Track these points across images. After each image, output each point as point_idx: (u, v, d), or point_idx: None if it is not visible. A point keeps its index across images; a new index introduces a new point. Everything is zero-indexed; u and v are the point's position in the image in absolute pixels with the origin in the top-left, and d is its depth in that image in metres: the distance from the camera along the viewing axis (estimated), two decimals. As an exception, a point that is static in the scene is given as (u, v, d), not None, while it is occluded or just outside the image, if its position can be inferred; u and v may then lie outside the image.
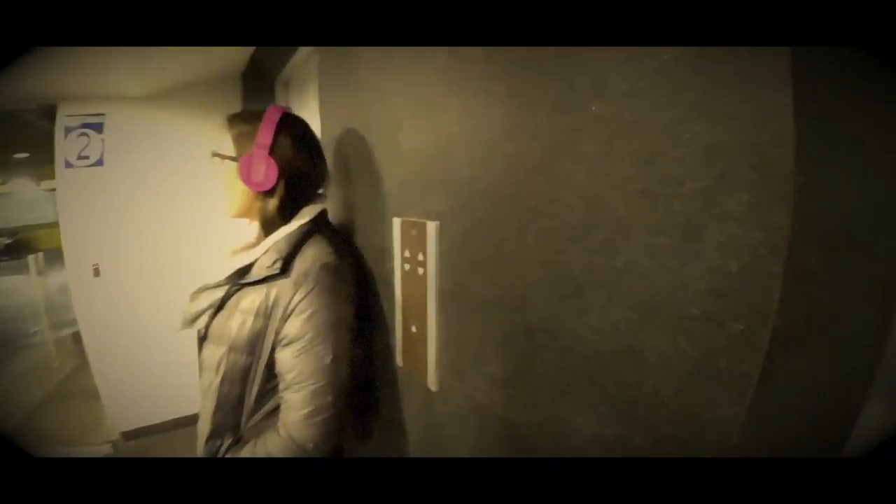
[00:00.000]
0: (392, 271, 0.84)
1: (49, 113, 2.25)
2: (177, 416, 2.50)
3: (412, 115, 0.76)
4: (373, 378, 1.01)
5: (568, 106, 0.47)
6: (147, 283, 2.36)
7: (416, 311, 0.78)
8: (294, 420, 0.72)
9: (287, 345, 0.73)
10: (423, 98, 0.72)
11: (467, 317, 0.68)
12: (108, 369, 2.45)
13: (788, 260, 0.30)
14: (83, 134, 2.29)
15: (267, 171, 0.76)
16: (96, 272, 2.38)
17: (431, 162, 0.72)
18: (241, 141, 0.78)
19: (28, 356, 4.27)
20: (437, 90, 0.68)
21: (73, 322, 2.57)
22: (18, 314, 5.74)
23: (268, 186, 0.77)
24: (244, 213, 0.82)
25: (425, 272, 0.73)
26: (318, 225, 0.81)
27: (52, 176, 2.47)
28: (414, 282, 0.77)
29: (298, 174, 0.80)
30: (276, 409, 0.76)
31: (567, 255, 0.48)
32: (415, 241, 0.75)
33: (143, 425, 2.55)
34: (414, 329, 0.80)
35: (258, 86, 2.29)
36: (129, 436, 2.54)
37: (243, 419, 0.78)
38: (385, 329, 0.92)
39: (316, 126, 1.22)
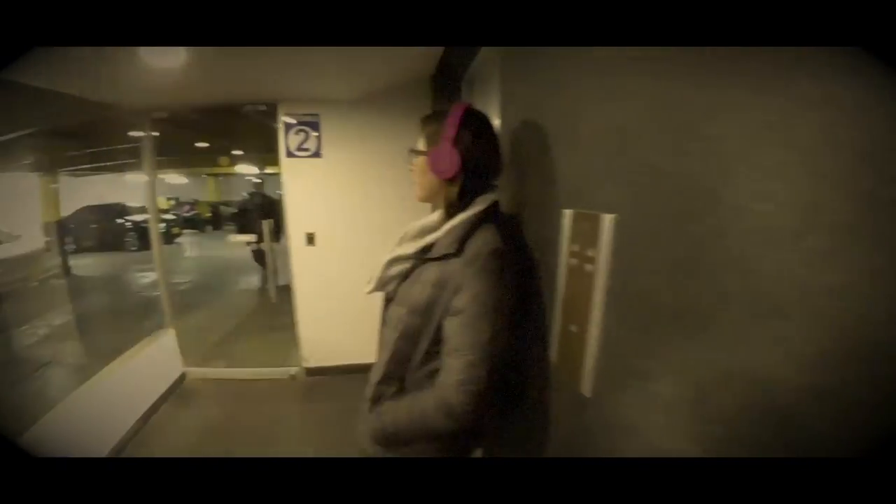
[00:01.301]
0: (558, 265, 0.82)
1: (271, 112, 2.87)
2: (351, 363, 3.01)
3: (595, 102, 0.72)
4: (525, 368, 1.02)
5: (776, 81, 0.39)
6: (350, 251, 2.93)
7: (578, 310, 0.75)
8: (450, 383, 0.80)
9: (454, 315, 0.82)
10: (607, 83, 0.68)
11: (637, 325, 0.62)
12: (308, 316, 3.11)
13: None
14: (301, 130, 2.87)
15: (451, 160, 0.87)
16: (310, 240, 3.01)
17: (613, 150, 0.67)
18: (432, 137, 0.91)
19: (245, 297, 5.85)
20: (623, 73, 0.63)
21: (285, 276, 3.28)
22: (233, 266, 7.70)
23: (451, 174, 0.88)
24: (430, 199, 0.96)
25: (595, 269, 0.69)
26: (490, 213, 0.88)
27: (273, 162, 3.17)
28: (580, 278, 0.74)
29: (477, 163, 0.89)
30: (436, 371, 0.86)
31: (773, 264, 0.40)
32: (586, 234, 0.72)
33: (323, 365, 3.15)
34: (573, 328, 0.77)
35: (446, 87, 2.51)
36: (311, 372, 3.17)
37: (409, 372, 0.91)
38: (543, 322, 0.92)
39: (497, 121, 1.27)
